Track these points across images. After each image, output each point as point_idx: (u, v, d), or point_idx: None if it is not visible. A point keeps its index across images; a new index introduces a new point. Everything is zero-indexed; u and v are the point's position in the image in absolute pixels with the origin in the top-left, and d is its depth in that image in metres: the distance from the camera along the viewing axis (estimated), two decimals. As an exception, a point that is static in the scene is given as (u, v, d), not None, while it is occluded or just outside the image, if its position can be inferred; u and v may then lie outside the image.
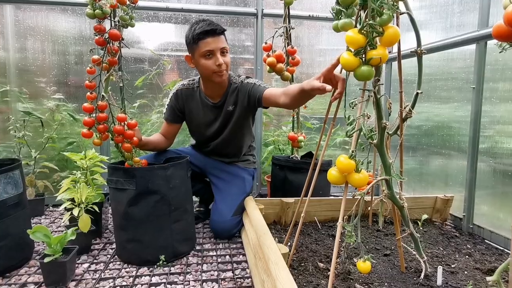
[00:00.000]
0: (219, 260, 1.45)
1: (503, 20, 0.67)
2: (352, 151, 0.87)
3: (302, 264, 1.28)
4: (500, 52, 0.82)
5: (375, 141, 1.02)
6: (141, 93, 2.33)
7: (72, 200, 1.44)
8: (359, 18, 0.93)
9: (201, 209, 1.98)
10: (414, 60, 1.23)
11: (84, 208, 1.43)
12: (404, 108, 1.34)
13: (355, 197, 0.96)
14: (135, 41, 2.28)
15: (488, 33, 1.57)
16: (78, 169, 1.53)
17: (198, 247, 1.56)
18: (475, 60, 1.65)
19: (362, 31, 0.81)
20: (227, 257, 1.48)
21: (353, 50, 0.83)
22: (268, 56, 1.69)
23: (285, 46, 1.72)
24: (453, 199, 1.80)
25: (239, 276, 1.31)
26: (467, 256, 1.40)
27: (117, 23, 1.27)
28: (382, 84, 0.93)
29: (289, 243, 1.41)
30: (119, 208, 1.36)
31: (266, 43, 1.70)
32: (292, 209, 1.66)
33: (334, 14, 0.94)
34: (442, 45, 1.86)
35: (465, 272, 1.25)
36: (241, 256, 1.48)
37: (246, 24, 2.32)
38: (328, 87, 1.01)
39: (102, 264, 1.39)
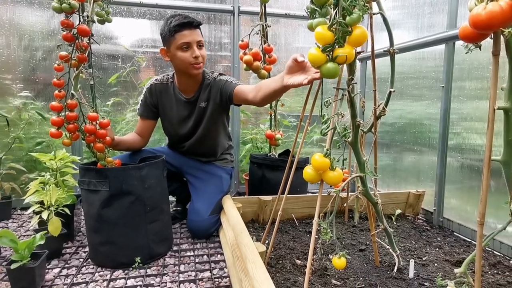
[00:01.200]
0: (197, 260, 1.43)
1: (468, 22, 0.69)
2: (327, 150, 0.88)
3: (280, 261, 1.29)
4: (466, 52, 0.85)
5: (349, 139, 1.04)
6: (115, 91, 2.26)
7: (41, 202, 1.38)
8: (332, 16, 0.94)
9: (178, 208, 1.96)
10: (388, 59, 1.26)
11: (54, 211, 1.37)
12: (378, 106, 1.38)
13: (330, 194, 0.98)
14: (108, 36, 2.21)
15: (456, 34, 1.63)
16: (48, 170, 1.47)
17: (175, 248, 1.54)
18: (444, 59, 1.71)
19: (331, 29, 0.82)
20: (205, 257, 1.46)
21: (321, 47, 0.84)
22: (245, 54, 1.68)
23: (261, 44, 1.72)
24: (424, 194, 1.86)
25: (217, 275, 1.30)
26: (437, 249, 1.46)
27: (86, 18, 1.22)
28: (356, 83, 0.94)
29: (267, 241, 1.41)
30: (92, 210, 1.32)
31: (242, 40, 1.68)
32: (270, 207, 1.67)
33: (309, 13, 0.94)
34: (414, 45, 1.92)
35: (435, 264, 1.29)
36: (219, 256, 1.47)
37: (223, 22, 2.30)
38: (301, 58, 1.04)
39: (74, 268, 1.34)
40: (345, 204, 1.76)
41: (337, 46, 0.83)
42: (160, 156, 1.52)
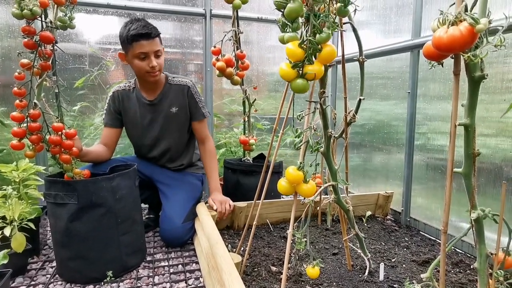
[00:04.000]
0: (172, 270, 1.41)
1: (431, 43, 0.72)
2: (300, 163, 0.89)
3: (256, 269, 1.30)
4: (430, 68, 0.90)
5: (322, 149, 1.06)
6: (82, 94, 2.17)
7: (3, 217, 1.30)
8: (302, 32, 0.96)
9: (151, 216, 1.92)
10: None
11: (18, 225, 1.30)
12: (349, 113, 1.42)
13: (304, 203, 0.99)
14: (73, 33, 2.09)
15: (420, 43, 1.71)
16: (9, 182, 1.39)
17: (149, 258, 1.51)
18: (410, 66, 1.79)
19: (302, 46, 0.83)
20: (180, 266, 1.45)
21: (292, 62, 0.86)
22: (218, 60, 1.66)
23: (234, 50, 1.71)
24: (393, 195, 1.94)
25: (193, 286, 1.29)
26: (405, 249, 1.53)
27: (49, 24, 1.16)
28: (327, 96, 0.96)
29: (242, 248, 1.42)
30: (59, 224, 1.26)
31: (215, 47, 1.67)
32: (244, 213, 1.67)
33: (280, 27, 0.95)
34: (381, 52, 1.99)
35: (404, 265, 1.35)
36: (194, 265, 1.46)
37: (195, 21, 2.26)
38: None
39: (41, 286, 1.28)
40: (318, 208, 1.80)
41: (307, 63, 0.85)
42: (132, 165, 1.48)
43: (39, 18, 1.14)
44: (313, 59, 0.85)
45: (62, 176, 1.36)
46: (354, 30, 1.28)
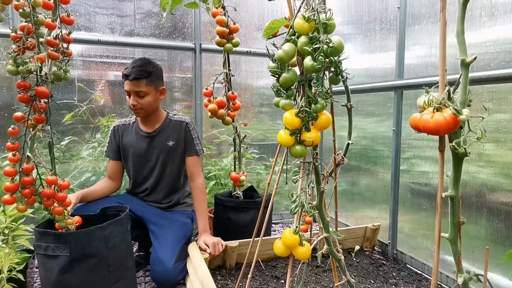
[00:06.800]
0: (164, 316, 1.40)
1: (418, 122, 0.78)
2: (296, 227, 0.92)
3: (249, 316, 1.31)
4: (416, 133, 0.95)
5: (314, 203, 1.10)
6: (70, 125, 2.15)
7: (-10, 270, 1.27)
8: (297, 94, 1.01)
9: (141, 253, 1.90)
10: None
11: (6, 277, 1.27)
12: (337, 154, 1.47)
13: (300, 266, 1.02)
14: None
15: (403, 84, 1.80)
16: (-4, 229, 1.36)
17: (140, 303, 1.49)
18: (394, 105, 1.87)
19: (299, 115, 0.88)
20: (173, 311, 1.44)
21: (289, 130, 0.90)
22: (210, 101, 1.70)
23: (225, 91, 1.75)
24: (379, 228, 2.00)
25: (186, 335, 1.29)
26: (393, 286, 1.57)
27: (44, 78, 1.17)
28: (320, 158, 1.01)
29: (235, 292, 1.42)
30: (50, 276, 1.24)
31: (207, 89, 1.71)
32: (236, 252, 1.69)
33: (275, 91, 0.99)
34: (367, 88, 2.07)
35: (393, 308, 1.40)
36: (187, 309, 1.46)
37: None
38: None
39: None
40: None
41: (304, 130, 0.89)
42: (123, 208, 1.48)
43: (35, 73, 1.14)
44: (309, 127, 0.89)
45: (51, 223, 1.34)
46: (343, 81, 1.35)
